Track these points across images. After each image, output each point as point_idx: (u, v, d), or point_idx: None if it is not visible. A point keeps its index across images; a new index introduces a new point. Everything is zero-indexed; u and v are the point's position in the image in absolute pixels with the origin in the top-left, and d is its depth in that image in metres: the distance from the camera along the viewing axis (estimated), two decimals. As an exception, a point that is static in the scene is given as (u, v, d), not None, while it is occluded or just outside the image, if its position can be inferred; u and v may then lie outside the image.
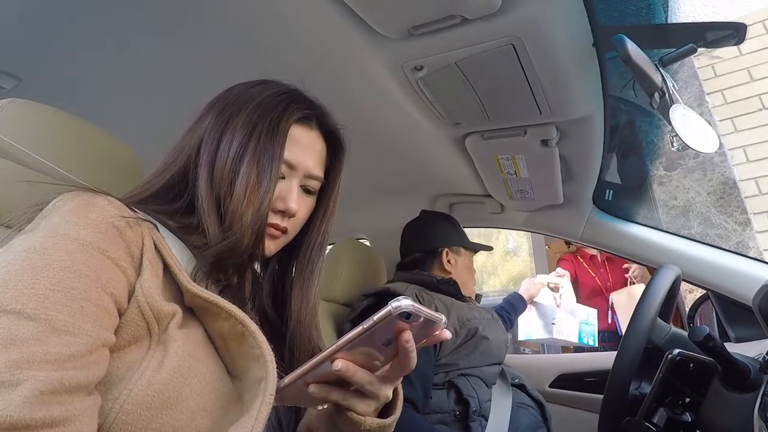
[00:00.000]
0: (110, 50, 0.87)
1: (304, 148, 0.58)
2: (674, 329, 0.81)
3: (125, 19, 0.79)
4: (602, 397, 0.76)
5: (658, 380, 0.71)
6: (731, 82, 2.74)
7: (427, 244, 1.28)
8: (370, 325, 0.38)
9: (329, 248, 0.70)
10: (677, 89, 0.78)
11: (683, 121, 0.75)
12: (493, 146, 1.10)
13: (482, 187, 1.38)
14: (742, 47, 2.65)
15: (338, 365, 0.40)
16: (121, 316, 0.41)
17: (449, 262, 1.26)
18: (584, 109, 0.92)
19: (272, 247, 0.57)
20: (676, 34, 0.85)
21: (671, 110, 0.75)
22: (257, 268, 0.63)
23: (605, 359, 1.45)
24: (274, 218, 0.55)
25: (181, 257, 0.48)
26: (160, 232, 0.48)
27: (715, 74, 2.79)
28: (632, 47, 0.71)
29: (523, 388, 1.15)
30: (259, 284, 0.62)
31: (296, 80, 0.62)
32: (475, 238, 1.41)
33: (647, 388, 0.79)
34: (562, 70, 0.79)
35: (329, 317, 1.19)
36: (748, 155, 2.64)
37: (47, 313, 0.35)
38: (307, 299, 0.60)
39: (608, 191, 1.31)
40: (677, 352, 0.71)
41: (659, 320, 0.80)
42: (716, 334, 0.70)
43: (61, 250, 0.38)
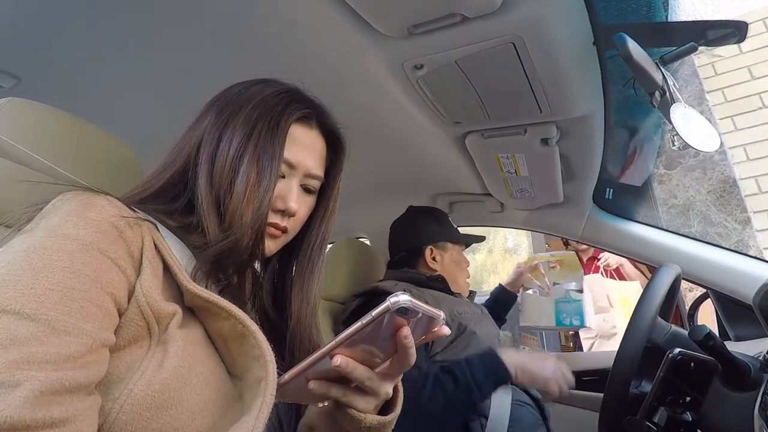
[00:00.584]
0: (110, 50, 0.87)
1: (304, 147, 0.58)
2: (674, 328, 0.80)
3: (125, 18, 0.79)
4: (602, 395, 0.76)
5: (658, 379, 0.71)
6: (731, 80, 2.73)
7: (410, 242, 1.28)
8: (368, 320, 0.38)
9: (328, 247, 0.69)
10: (678, 88, 0.78)
11: (684, 119, 0.75)
12: (493, 145, 1.10)
13: (482, 185, 1.38)
14: (742, 45, 2.65)
15: (338, 361, 0.40)
16: (121, 316, 0.40)
17: (434, 259, 1.25)
18: (584, 107, 0.92)
19: (272, 246, 0.57)
20: (676, 32, 0.85)
21: (672, 109, 0.75)
22: (257, 267, 0.63)
23: (605, 358, 1.45)
24: (274, 218, 0.55)
25: (181, 257, 0.47)
26: (160, 231, 0.47)
27: (715, 72, 2.79)
28: (633, 46, 0.71)
29: (522, 386, 1.15)
30: (259, 284, 0.62)
31: (296, 79, 0.62)
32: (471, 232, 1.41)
33: (647, 387, 0.79)
34: (562, 68, 0.79)
35: (328, 316, 1.19)
36: (748, 154, 2.64)
37: (47, 313, 0.35)
38: (307, 299, 0.60)
39: (608, 190, 1.31)
40: (678, 351, 0.71)
41: (659, 319, 0.80)
42: (716, 333, 0.70)
43: (60, 250, 0.38)
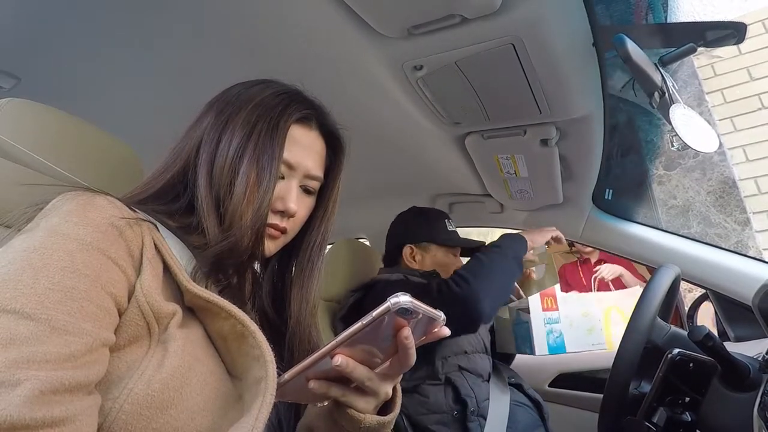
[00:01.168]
0: (110, 50, 0.87)
1: (303, 148, 0.58)
2: (674, 329, 0.81)
3: (125, 18, 0.79)
4: (602, 396, 0.76)
5: (657, 380, 0.71)
6: (731, 81, 2.74)
7: (395, 240, 1.28)
8: (369, 320, 0.38)
9: (328, 248, 0.70)
10: (677, 88, 0.78)
11: (683, 120, 0.75)
12: (492, 146, 1.10)
13: (482, 186, 1.38)
14: (741, 46, 2.66)
15: (338, 360, 0.40)
16: (121, 315, 0.40)
17: (414, 258, 1.23)
18: (584, 108, 0.92)
19: (272, 247, 0.57)
20: (675, 33, 0.85)
21: (671, 110, 0.75)
22: (257, 268, 0.63)
23: (605, 359, 1.45)
24: (273, 218, 0.55)
25: (180, 257, 0.48)
26: (159, 232, 0.48)
27: (714, 73, 2.79)
28: (632, 47, 0.71)
29: (520, 387, 1.15)
30: (259, 284, 0.62)
31: (296, 80, 0.62)
32: (473, 236, 1.40)
33: (647, 387, 0.79)
34: (562, 69, 0.79)
35: (328, 316, 1.19)
36: (747, 154, 2.64)
37: (47, 312, 0.35)
38: (306, 299, 0.60)
39: (608, 191, 1.32)
40: (677, 351, 0.71)
41: (659, 320, 0.80)
42: (716, 333, 0.70)
43: (60, 249, 0.38)
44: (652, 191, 2.66)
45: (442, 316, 0.42)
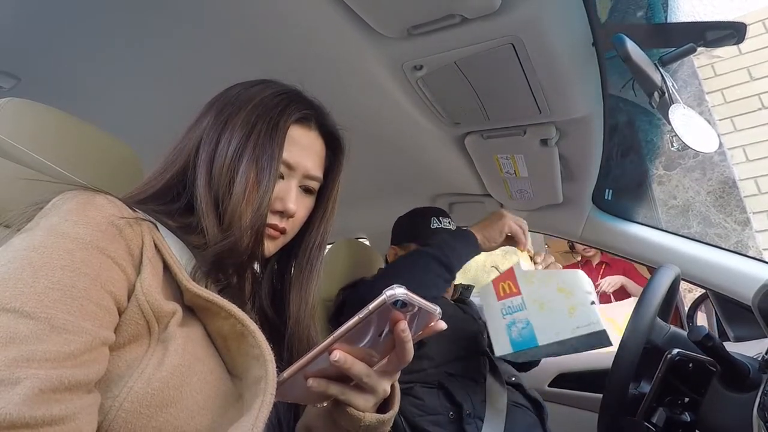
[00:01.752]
0: (110, 50, 0.87)
1: (302, 148, 0.58)
2: (673, 329, 0.81)
3: (125, 18, 0.79)
4: (602, 396, 0.76)
5: (657, 380, 0.72)
6: (731, 81, 2.74)
7: (390, 242, 1.28)
8: (365, 314, 0.38)
9: (327, 248, 0.70)
10: (677, 88, 0.78)
11: (683, 120, 0.75)
12: (492, 146, 1.10)
13: (482, 186, 1.38)
14: (741, 46, 2.66)
15: (336, 356, 0.40)
16: (120, 314, 0.41)
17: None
18: (584, 108, 0.92)
19: (271, 247, 0.57)
20: (675, 33, 0.85)
21: (671, 110, 0.75)
22: (257, 268, 0.63)
23: (604, 358, 1.45)
24: (272, 219, 0.55)
25: (180, 256, 0.48)
26: (159, 231, 0.48)
27: (714, 73, 2.79)
28: (632, 46, 0.71)
29: (519, 387, 1.15)
30: (258, 284, 0.62)
31: (295, 80, 0.62)
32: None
33: (646, 387, 0.79)
34: (561, 69, 0.79)
35: (327, 316, 1.19)
36: (747, 154, 2.65)
37: (47, 311, 0.35)
38: (306, 299, 0.60)
39: (608, 191, 1.32)
40: (676, 351, 0.71)
41: (658, 320, 0.80)
42: (715, 333, 0.70)
43: (60, 248, 0.38)
44: (652, 191, 2.66)
45: (438, 309, 0.42)
